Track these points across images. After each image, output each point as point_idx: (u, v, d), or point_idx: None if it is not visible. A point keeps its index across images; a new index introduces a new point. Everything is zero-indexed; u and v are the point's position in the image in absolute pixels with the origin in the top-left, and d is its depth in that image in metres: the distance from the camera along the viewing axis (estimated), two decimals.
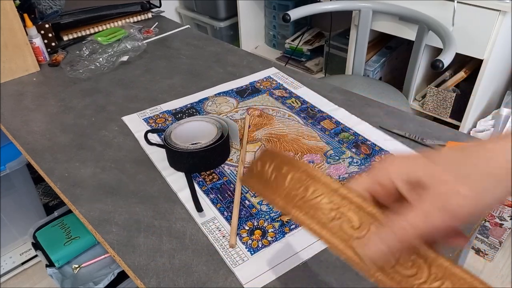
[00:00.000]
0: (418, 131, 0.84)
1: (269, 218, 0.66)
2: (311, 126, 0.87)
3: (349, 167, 0.76)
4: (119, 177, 0.76)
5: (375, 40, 1.89)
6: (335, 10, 1.46)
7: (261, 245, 0.62)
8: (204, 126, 0.80)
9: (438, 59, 1.09)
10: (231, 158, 0.79)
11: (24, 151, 0.85)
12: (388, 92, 1.41)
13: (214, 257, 0.60)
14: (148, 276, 0.58)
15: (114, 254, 0.62)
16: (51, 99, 1.01)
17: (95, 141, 0.86)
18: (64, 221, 1.22)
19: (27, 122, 0.92)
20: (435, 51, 1.68)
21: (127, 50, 1.16)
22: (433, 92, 1.66)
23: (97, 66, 1.11)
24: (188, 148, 0.73)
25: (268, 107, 0.94)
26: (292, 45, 2.19)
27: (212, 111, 0.93)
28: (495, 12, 1.31)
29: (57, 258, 1.13)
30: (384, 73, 1.91)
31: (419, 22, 1.35)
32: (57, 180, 0.76)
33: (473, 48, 1.41)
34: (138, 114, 0.93)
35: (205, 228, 0.65)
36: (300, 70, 2.13)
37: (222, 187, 0.72)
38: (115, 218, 0.67)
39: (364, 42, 1.50)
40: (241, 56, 1.17)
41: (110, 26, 1.32)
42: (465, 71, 1.64)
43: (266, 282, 0.56)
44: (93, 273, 1.13)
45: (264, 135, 0.85)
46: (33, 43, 1.12)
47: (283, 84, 1.02)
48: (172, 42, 1.27)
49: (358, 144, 0.81)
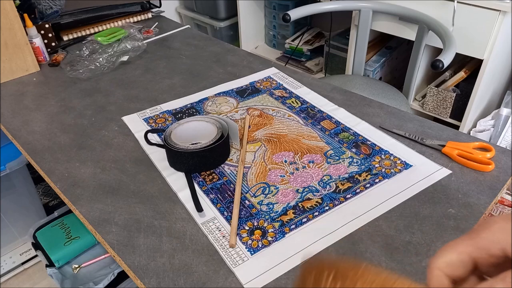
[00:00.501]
0: (418, 131, 0.84)
1: (269, 218, 0.66)
2: (311, 126, 0.87)
3: (349, 167, 0.76)
4: (119, 177, 0.76)
5: (375, 40, 1.89)
6: (335, 10, 1.46)
7: (261, 245, 0.62)
8: (204, 126, 0.80)
9: (438, 59, 1.09)
10: (231, 158, 0.79)
11: (24, 151, 0.85)
12: (388, 92, 1.41)
13: (214, 257, 0.60)
14: (148, 276, 0.58)
15: (114, 254, 0.62)
16: (51, 99, 1.01)
17: (95, 141, 0.86)
18: (64, 221, 1.22)
19: (27, 122, 0.92)
20: (435, 51, 1.68)
21: (127, 50, 1.16)
22: (433, 92, 1.66)
23: (97, 66, 1.10)
24: (188, 148, 0.73)
25: (268, 107, 0.94)
26: (292, 45, 2.18)
27: (212, 111, 0.93)
28: (495, 12, 1.31)
29: (57, 258, 1.13)
30: (384, 73, 1.91)
31: (419, 22, 1.35)
32: (57, 180, 0.76)
33: (473, 48, 1.41)
34: (138, 114, 0.93)
35: (205, 228, 0.65)
36: (300, 70, 2.13)
37: (222, 187, 0.72)
38: (115, 218, 0.67)
39: (364, 42, 1.50)
40: (241, 56, 1.17)
41: (110, 26, 1.32)
42: (465, 71, 1.64)
43: (266, 282, 0.56)
44: (93, 273, 1.13)
45: (264, 135, 0.85)
46: (33, 43, 1.12)
47: (283, 84, 1.02)
48: (172, 42, 1.27)
49: (358, 144, 0.81)
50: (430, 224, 0.64)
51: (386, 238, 0.62)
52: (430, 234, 0.62)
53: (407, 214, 0.65)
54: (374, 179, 0.73)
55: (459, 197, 0.68)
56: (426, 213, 0.65)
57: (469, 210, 0.66)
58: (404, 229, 0.63)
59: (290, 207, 0.68)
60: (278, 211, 0.67)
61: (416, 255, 0.59)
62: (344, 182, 0.72)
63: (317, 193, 0.70)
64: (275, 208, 0.68)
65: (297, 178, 0.74)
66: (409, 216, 0.65)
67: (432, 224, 0.63)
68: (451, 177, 0.72)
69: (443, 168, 0.74)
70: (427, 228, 0.63)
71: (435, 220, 0.64)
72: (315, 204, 0.68)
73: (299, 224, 0.65)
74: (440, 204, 0.67)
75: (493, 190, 0.69)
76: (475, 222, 0.63)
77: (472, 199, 0.68)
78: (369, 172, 0.74)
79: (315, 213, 0.66)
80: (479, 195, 0.68)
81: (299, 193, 0.71)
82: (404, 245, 0.61)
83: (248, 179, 0.74)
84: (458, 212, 0.65)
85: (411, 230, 0.63)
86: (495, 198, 0.68)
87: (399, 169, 0.74)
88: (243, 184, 0.73)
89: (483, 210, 0.66)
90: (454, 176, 0.73)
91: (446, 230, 0.62)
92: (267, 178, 0.74)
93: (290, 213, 0.67)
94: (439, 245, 0.60)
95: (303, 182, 0.73)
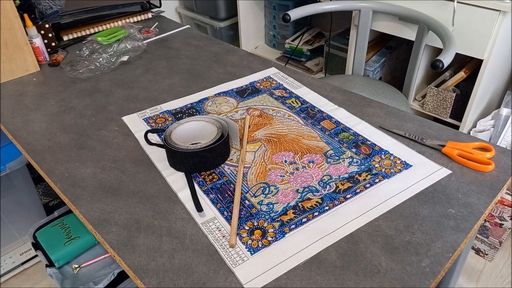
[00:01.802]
0: (418, 131, 0.84)
1: (269, 218, 0.66)
2: (311, 126, 0.87)
3: (349, 167, 0.76)
4: (119, 177, 0.76)
5: (375, 40, 1.89)
6: (335, 10, 1.46)
7: (261, 245, 0.62)
8: (204, 126, 0.80)
9: (438, 59, 1.09)
10: (231, 158, 0.79)
11: (24, 151, 0.85)
12: (388, 92, 1.41)
13: (214, 257, 0.60)
14: (148, 276, 0.58)
15: (114, 254, 0.62)
16: (51, 99, 1.01)
17: (95, 141, 0.86)
18: (64, 221, 1.22)
19: (27, 122, 0.92)
20: (435, 51, 1.68)
21: (127, 50, 1.16)
22: (433, 92, 1.66)
23: (97, 66, 1.11)
24: (188, 148, 0.74)
25: (268, 107, 0.94)
26: (292, 45, 2.18)
27: (212, 111, 0.93)
28: (495, 12, 1.31)
29: (57, 258, 1.13)
30: (384, 73, 1.91)
31: (419, 22, 1.35)
32: (57, 180, 0.76)
33: (473, 48, 1.41)
34: (138, 114, 0.93)
35: (205, 228, 0.65)
36: (300, 70, 2.13)
37: (222, 187, 0.72)
38: (115, 218, 0.67)
39: (364, 42, 1.50)
40: (241, 56, 1.17)
41: (110, 26, 1.32)
42: (465, 71, 1.64)
43: (266, 282, 0.57)
44: (93, 273, 1.13)
45: (264, 135, 0.85)
46: (33, 43, 1.12)
47: (283, 84, 1.02)
48: (172, 42, 1.27)
49: (358, 144, 0.81)
50: (430, 224, 0.64)
51: (386, 238, 0.62)
52: (430, 234, 0.62)
53: (407, 214, 0.66)
54: (374, 179, 0.73)
55: (459, 197, 0.68)
56: (426, 213, 0.66)
57: (469, 210, 0.66)
58: (404, 229, 0.63)
59: (290, 207, 0.68)
60: (278, 211, 0.67)
61: (416, 255, 0.59)
62: (344, 182, 0.72)
63: (317, 193, 0.70)
64: (275, 208, 0.68)
65: (297, 178, 0.74)
66: (409, 216, 0.65)
67: (432, 224, 0.63)
68: (451, 177, 0.72)
69: (443, 168, 0.74)
70: (427, 228, 0.63)
71: (435, 220, 0.64)
72: (315, 204, 0.68)
73: (299, 224, 0.65)
74: (440, 204, 0.67)
75: (493, 190, 0.69)
76: (475, 222, 0.63)
77: (472, 199, 0.68)
78: (369, 172, 0.74)
79: (315, 213, 0.67)
80: (479, 195, 0.68)
81: (299, 193, 0.71)
82: (404, 245, 0.61)
83: (248, 179, 0.74)
84: (458, 212, 0.66)
85: (411, 230, 0.63)
86: (495, 198, 0.68)
87: (399, 169, 0.74)
88: (243, 184, 0.73)
89: (483, 210, 0.66)
90: (454, 176, 0.73)
91: (446, 230, 0.62)
92: (267, 178, 0.74)
93: (290, 213, 0.67)
94: (439, 245, 0.60)
95: (303, 182, 0.73)
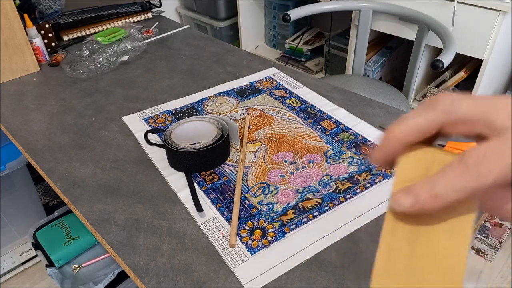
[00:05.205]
0: None
1: (269, 218, 0.66)
2: (311, 126, 0.87)
3: (349, 167, 0.76)
4: (119, 177, 0.76)
5: (375, 40, 1.89)
6: (335, 10, 1.46)
7: (261, 245, 0.62)
8: (204, 126, 0.80)
9: (438, 59, 1.09)
10: (231, 158, 0.79)
11: (24, 151, 0.85)
12: (388, 92, 1.41)
13: (214, 257, 0.60)
14: (148, 276, 0.58)
15: (114, 254, 0.62)
16: (51, 99, 1.01)
17: (95, 141, 0.86)
18: (64, 221, 1.22)
19: (27, 122, 0.92)
20: (435, 51, 1.68)
21: (127, 50, 1.16)
22: (433, 92, 1.66)
23: (97, 66, 1.10)
24: (188, 148, 0.73)
25: (268, 107, 0.94)
26: (292, 45, 2.18)
27: (212, 111, 0.93)
28: (495, 12, 1.31)
29: (57, 258, 1.13)
30: (384, 73, 1.91)
31: (419, 22, 1.35)
32: (57, 180, 0.76)
33: (473, 48, 1.41)
34: (138, 114, 0.93)
35: (205, 228, 0.65)
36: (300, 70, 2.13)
37: (222, 187, 0.72)
38: (115, 218, 0.67)
39: (364, 42, 1.50)
40: (241, 56, 1.17)
41: (110, 26, 1.32)
42: (465, 71, 1.64)
43: (266, 282, 0.56)
44: (93, 273, 1.13)
45: (264, 135, 0.85)
46: (33, 43, 1.12)
47: (283, 84, 1.02)
48: (172, 42, 1.27)
49: (358, 144, 0.81)
50: None
51: None
52: None
53: None
54: (374, 179, 0.73)
55: None
56: None
57: None
58: None
59: (290, 207, 0.68)
60: (278, 211, 0.67)
61: None
62: (344, 182, 0.72)
63: (317, 193, 0.70)
64: (275, 208, 0.68)
65: (297, 178, 0.74)
66: None
67: None
68: None
69: None
70: None
71: None
72: (315, 204, 0.68)
73: (299, 224, 0.65)
74: None
75: None
76: (475, 222, 0.63)
77: None
78: (369, 172, 0.74)
79: (315, 213, 0.66)
80: None
81: (299, 193, 0.71)
82: None
83: (248, 179, 0.74)
84: None
85: None
86: None
87: None
88: (243, 184, 0.73)
89: None
90: None
91: None
92: (267, 178, 0.74)
93: (290, 213, 0.67)
94: None
95: (303, 182, 0.73)
